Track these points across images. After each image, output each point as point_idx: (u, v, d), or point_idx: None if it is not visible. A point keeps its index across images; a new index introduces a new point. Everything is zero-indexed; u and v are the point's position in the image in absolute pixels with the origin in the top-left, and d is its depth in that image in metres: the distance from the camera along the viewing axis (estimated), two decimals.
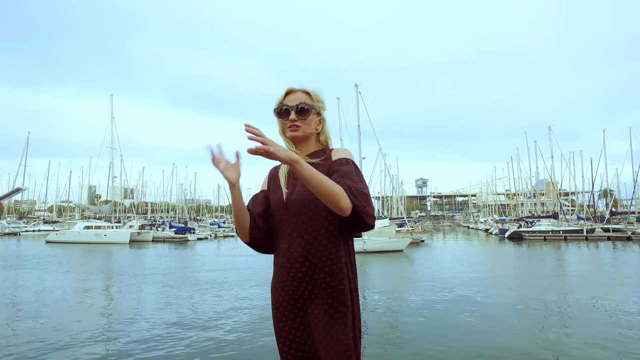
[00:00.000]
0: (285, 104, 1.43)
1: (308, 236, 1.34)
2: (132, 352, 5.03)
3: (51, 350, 5.07)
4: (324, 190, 1.20)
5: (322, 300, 1.31)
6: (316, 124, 1.47)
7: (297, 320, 1.35)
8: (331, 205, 1.23)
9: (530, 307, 7.61)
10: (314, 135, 1.49)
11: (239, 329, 6.14)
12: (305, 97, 1.45)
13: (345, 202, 1.23)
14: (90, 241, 28.18)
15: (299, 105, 1.42)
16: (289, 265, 1.35)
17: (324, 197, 1.21)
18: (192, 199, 62.71)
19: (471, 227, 58.40)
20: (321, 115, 1.49)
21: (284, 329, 1.37)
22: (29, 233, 42.49)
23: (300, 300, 1.35)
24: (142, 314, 7.23)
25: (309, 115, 1.43)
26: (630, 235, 29.04)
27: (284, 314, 1.37)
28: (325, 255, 1.33)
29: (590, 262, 16.72)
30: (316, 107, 1.45)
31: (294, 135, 1.44)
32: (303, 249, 1.34)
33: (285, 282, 1.36)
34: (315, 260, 1.33)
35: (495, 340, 5.53)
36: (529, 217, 38.15)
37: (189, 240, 30.82)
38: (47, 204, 64.29)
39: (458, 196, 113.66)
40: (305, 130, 1.44)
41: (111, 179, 35.78)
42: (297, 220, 1.37)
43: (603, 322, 6.48)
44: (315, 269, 1.33)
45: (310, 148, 1.48)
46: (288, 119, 1.42)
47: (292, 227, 1.38)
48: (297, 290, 1.34)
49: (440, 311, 7.11)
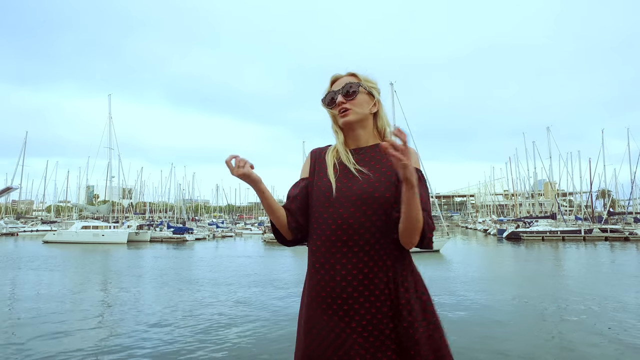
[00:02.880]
0: (332, 91, 1.31)
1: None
2: (131, 350, 5.02)
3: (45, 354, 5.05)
4: (414, 220, 1.08)
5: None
6: (370, 105, 1.29)
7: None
8: (405, 237, 1.11)
9: (524, 309, 7.62)
10: (371, 121, 1.31)
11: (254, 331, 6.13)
12: (351, 79, 1.30)
13: (418, 239, 1.12)
14: (87, 241, 28.13)
15: (344, 87, 1.28)
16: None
17: (407, 227, 1.09)
18: (190, 199, 62.66)
19: (469, 228, 58.51)
20: (375, 96, 1.30)
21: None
22: (27, 233, 42.38)
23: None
24: (147, 316, 7.21)
25: (358, 95, 1.27)
26: (628, 236, 29.15)
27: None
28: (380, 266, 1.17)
29: (585, 263, 16.78)
30: (365, 87, 1.29)
31: (346, 120, 1.27)
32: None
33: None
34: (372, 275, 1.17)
35: (490, 342, 5.54)
36: (527, 217, 38.25)
37: (187, 240, 30.79)
38: (45, 204, 64.18)
39: (456, 196, 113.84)
40: (357, 112, 1.27)
41: (109, 179, 35.73)
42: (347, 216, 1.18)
43: (594, 321, 6.50)
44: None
45: (369, 138, 1.31)
46: (336, 106, 1.28)
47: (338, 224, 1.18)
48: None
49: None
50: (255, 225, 49.49)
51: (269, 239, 29.09)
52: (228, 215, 73.65)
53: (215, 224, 45.30)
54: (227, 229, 43.79)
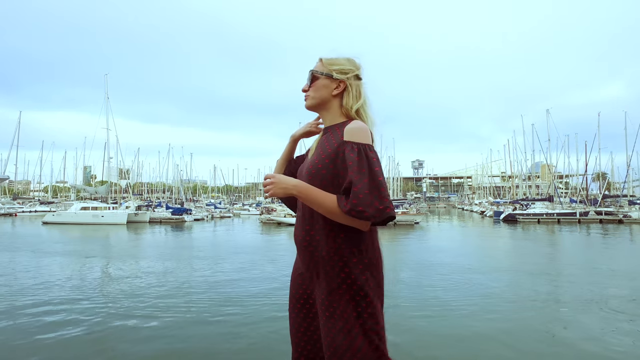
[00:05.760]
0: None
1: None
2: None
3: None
4: (325, 212, 1.25)
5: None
6: (330, 89, 1.36)
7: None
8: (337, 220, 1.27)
9: (516, 294, 7.80)
10: (334, 102, 1.37)
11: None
12: (317, 65, 1.39)
13: (343, 218, 1.22)
14: (87, 222, 28.24)
15: (309, 74, 1.39)
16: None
17: (329, 217, 1.27)
18: (188, 180, 62.66)
19: (466, 209, 58.95)
20: (342, 80, 1.35)
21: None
22: (26, 214, 42.47)
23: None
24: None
25: (317, 81, 1.37)
26: (622, 219, 29.53)
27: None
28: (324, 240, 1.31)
29: (577, 246, 17.05)
30: (327, 73, 1.35)
31: (306, 105, 1.41)
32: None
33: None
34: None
35: (481, 328, 5.70)
36: (523, 199, 38.54)
37: (185, 221, 30.95)
38: (42, 184, 64.08)
39: (454, 178, 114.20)
40: (313, 97, 1.38)
41: (107, 159, 35.59)
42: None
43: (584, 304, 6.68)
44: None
45: (335, 117, 1.38)
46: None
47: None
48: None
49: (425, 297, 7.28)
50: (253, 205, 49.69)
51: (267, 219, 29.32)
52: (226, 195, 73.84)
53: (214, 205, 45.44)
54: (225, 209, 43.96)
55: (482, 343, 4.59)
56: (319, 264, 1.31)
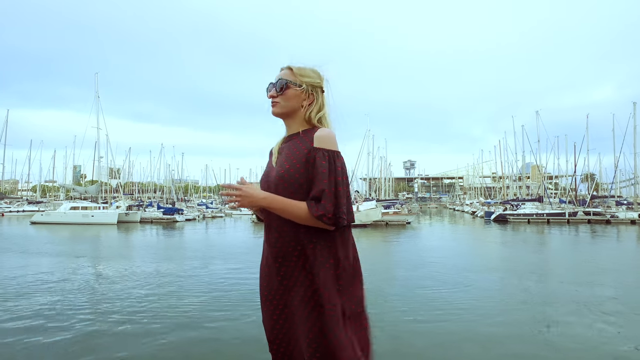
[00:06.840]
0: (271, 83, 1.44)
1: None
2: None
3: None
4: (295, 219, 1.31)
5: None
6: (300, 100, 1.41)
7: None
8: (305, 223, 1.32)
9: (506, 292, 7.89)
10: (301, 112, 1.42)
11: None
12: (287, 73, 1.42)
13: (312, 222, 1.30)
14: (77, 222, 27.90)
15: (278, 82, 1.41)
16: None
17: (298, 222, 1.32)
18: (179, 180, 62.22)
19: (457, 210, 59.38)
20: (310, 91, 1.41)
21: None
22: (13, 214, 41.81)
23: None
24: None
25: (287, 91, 1.40)
26: (609, 219, 29.96)
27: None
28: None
29: (565, 246, 17.27)
30: (298, 83, 1.40)
31: (272, 112, 1.44)
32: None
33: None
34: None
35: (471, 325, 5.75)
36: (514, 200, 38.90)
37: (177, 221, 30.73)
38: (30, 184, 63.14)
39: (445, 178, 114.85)
40: (283, 106, 1.41)
41: (97, 158, 35.17)
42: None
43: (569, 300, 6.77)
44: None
45: (299, 126, 1.43)
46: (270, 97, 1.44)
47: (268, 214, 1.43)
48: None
49: (413, 295, 7.33)
50: None
51: (257, 220, 29.15)
52: (218, 195, 73.42)
53: (205, 205, 45.16)
54: (216, 209, 43.74)
55: (468, 344, 4.63)
56: (291, 270, 1.37)
